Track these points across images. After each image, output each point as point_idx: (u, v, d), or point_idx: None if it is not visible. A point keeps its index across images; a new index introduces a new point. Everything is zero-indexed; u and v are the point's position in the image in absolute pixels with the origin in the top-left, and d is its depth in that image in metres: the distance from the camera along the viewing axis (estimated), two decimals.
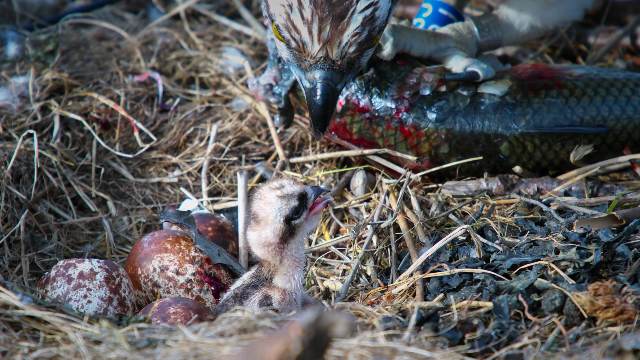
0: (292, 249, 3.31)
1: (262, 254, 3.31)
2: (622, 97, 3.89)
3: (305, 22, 3.19)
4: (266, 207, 3.28)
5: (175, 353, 2.86)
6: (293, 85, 3.97)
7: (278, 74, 3.98)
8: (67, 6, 4.79)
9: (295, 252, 3.31)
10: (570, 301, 3.16)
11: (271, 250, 3.29)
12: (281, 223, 3.26)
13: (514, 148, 3.86)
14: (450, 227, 3.71)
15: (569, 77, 3.91)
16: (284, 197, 3.27)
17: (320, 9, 3.17)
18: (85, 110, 4.14)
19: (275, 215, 3.27)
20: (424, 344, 3.01)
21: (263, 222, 3.28)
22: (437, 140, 3.88)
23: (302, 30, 3.21)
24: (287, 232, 3.28)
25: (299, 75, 3.34)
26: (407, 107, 3.87)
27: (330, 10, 3.18)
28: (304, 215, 3.30)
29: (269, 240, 3.28)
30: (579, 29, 4.69)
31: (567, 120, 3.87)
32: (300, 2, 3.18)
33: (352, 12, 3.20)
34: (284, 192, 3.27)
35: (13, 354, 2.91)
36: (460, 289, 3.37)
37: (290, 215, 3.27)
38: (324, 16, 3.18)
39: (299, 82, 3.38)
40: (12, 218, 3.77)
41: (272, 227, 3.27)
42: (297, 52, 3.26)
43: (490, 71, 3.88)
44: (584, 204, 3.72)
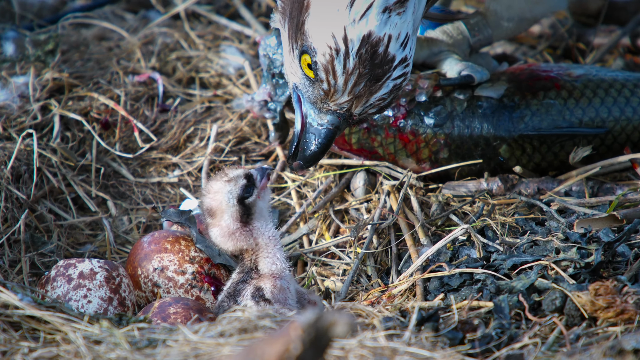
0: (259, 228, 3.34)
1: (232, 244, 3.36)
2: (621, 98, 3.89)
3: (344, 72, 3.23)
4: (216, 196, 3.33)
5: (175, 353, 2.86)
6: (287, 101, 3.98)
7: (272, 90, 3.99)
8: (67, 6, 4.79)
9: (266, 231, 3.35)
10: (570, 301, 3.16)
11: (239, 236, 3.33)
12: (235, 205, 3.30)
13: (513, 150, 3.86)
14: (450, 227, 3.71)
15: (568, 78, 3.90)
16: (231, 180, 3.32)
17: (363, 65, 3.21)
18: (86, 110, 4.14)
19: (228, 199, 3.32)
20: (424, 344, 3.01)
21: (219, 212, 3.33)
22: (437, 146, 3.88)
23: (339, 78, 3.24)
24: (245, 213, 3.31)
25: (308, 109, 3.36)
26: (405, 114, 3.87)
27: (371, 70, 3.23)
28: (255, 193, 3.34)
29: (231, 227, 3.32)
30: (579, 29, 4.69)
31: (566, 122, 3.86)
32: (347, 51, 3.20)
33: (387, 78, 3.25)
34: (229, 176, 3.32)
35: (13, 354, 2.91)
36: (461, 289, 3.37)
37: (242, 195, 3.30)
38: (364, 73, 3.22)
39: (304, 113, 3.38)
40: (12, 218, 3.77)
41: (228, 212, 3.31)
42: (323, 94, 3.29)
43: (486, 74, 3.88)
44: (585, 204, 3.72)
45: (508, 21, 4.00)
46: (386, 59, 3.22)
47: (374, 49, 3.21)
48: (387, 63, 3.23)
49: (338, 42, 3.21)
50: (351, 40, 3.20)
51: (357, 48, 3.20)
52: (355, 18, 3.20)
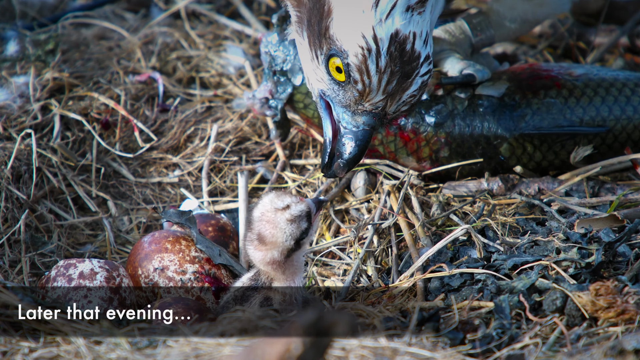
0: (294, 260, 3.32)
1: (264, 268, 3.32)
2: (622, 97, 3.89)
3: (378, 71, 3.26)
4: (275, 232, 3.26)
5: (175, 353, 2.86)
6: (289, 98, 3.98)
7: (274, 87, 3.99)
8: (67, 5, 4.79)
9: (296, 262, 3.32)
10: (571, 301, 3.16)
11: (276, 267, 3.30)
12: (291, 245, 3.27)
13: (514, 149, 3.85)
14: (451, 227, 3.71)
15: (568, 77, 3.90)
16: (294, 221, 3.26)
17: (394, 62, 3.25)
18: (86, 110, 4.14)
19: (285, 239, 3.27)
20: (425, 344, 3.01)
21: (271, 245, 3.27)
22: (437, 144, 3.87)
23: (373, 77, 3.26)
24: (294, 250, 3.30)
25: (341, 112, 3.36)
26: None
27: (402, 67, 3.26)
28: (311, 233, 3.32)
29: (275, 259, 3.29)
30: (579, 28, 4.69)
31: (567, 121, 3.86)
32: (378, 50, 3.23)
33: (416, 74, 3.29)
34: (292, 214, 3.25)
35: (13, 354, 2.91)
36: (461, 289, 3.37)
37: (300, 237, 3.27)
38: (395, 70, 3.26)
39: (337, 118, 3.38)
40: (12, 218, 3.77)
41: (280, 248, 3.28)
42: (358, 95, 3.30)
43: (487, 73, 3.87)
44: (585, 204, 3.72)
45: (511, 22, 4.00)
46: (414, 55, 3.27)
47: (402, 47, 3.25)
48: (415, 60, 3.28)
49: (369, 42, 3.24)
50: (381, 39, 3.24)
51: (387, 46, 3.24)
52: (381, 18, 3.24)
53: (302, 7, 3.36)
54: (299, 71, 3.96)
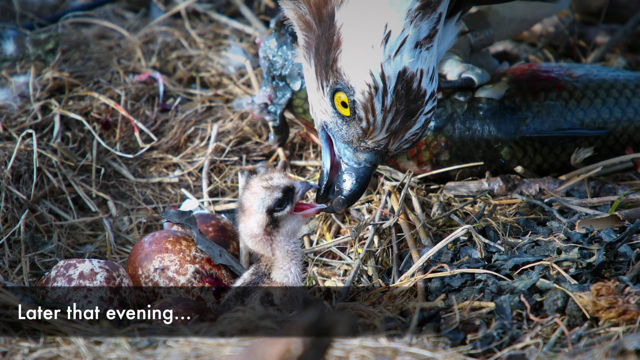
0: (280, 241, 3.32)
1: (252, 245, 3.35)
2: (623, 99, 3.88)
3: (383, 109, 3.22)
4: (251, 197, 3.31)
5: (176, 353, 2.85)
6: (288, 104, 3.97)
7: (272, 93, 3.98)
8: (67, 5, 4.78)
9: (286, 245, 3.33)
10: (572, 301, 3.15)
11: (258, 241, 3.33)
12: (263, 214, 3.29)
13: (514, 152, 3.85)
14: (452, 228, 3.70)
15: (569, 78, 3.89)
16: (269, 188, 3.29)
17: (400, 101, 3.21)
18: (86, 110, 4.13)
19: (258, 206, 3.30)
20: (425, 345, 3.00)
21: (247, 212, 3.32)
22: (437, 148, 3.86)
23: (378, 116, 3.23)
24: (271, 224, 3.30)
25: (342, 148, 3.34)
26: None
27: (407, 106, 3.23)
28: (288, 209, 3.31)
29: (254, 231, 3.31)
30: (580, 27, 4.68)
31: (568, 124, 3.85)
32: (385, 88, 3.20)
33: (420, 113, 3.25)
34: (270, 183, 3.30)
35: (13, 354, 2.90)
36: (462, 289, 3.36)
37: (272, 207, 3.29)
38: (401, 109, 3.23)
39: (337, 153, 3.36)
40: (12, 218, 3.77)
41: (255, 217, 3.31)
42: (361, 133, 3.27)
43: (486, 76, 3.86)
44: (586, 204, 3.71)
45: (510, 21, 3.99)
46: (420, 94, 3.23)
47: (409, 85, 3.21)
48: (420, 98, 3.24)
49: (377, 80, 3.20)
50: (389, 77, 3.19)
51: (394, 85, 3.20)
52: (390, 54, 3.19)
53: (310, 33, 3.31)
54: (297, 76, 3.96)
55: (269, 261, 3.35)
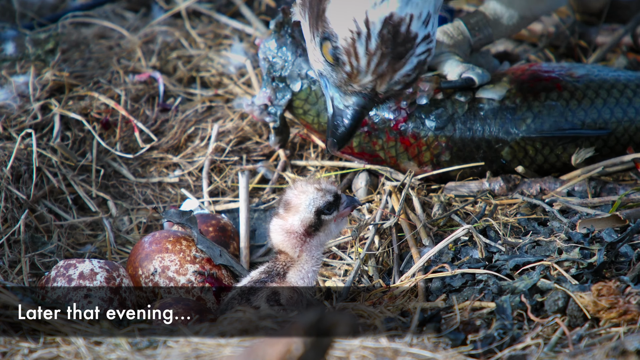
0: (312, 245, 3.35)
1: (281, 241, 3.35)
2: (624, 99, 3.87)
3: (367, 53, 3.25)
4: (301, 195, 3.34)
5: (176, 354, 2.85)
6: (288, 105, 3.97)
7: (273, 94, 3.98)
8: (67, 5, 4.78)
9: (315, 250, 3.35)
10: (573, 302, 3.15)
11: (292, 238, 3.34)
12: (312, 213, 3.32)
13: (515, 153, 3.84)
14: (452, 228, 3.70)
15: (569, 79, 3.88)
16: (321, 190, 3.34)
17: (385, 45, 3.24)
18: (86, 110, 4.13)
19: (308, 204, 3.33)
20: (426, 345, 3.00)
21: (294, 210, 3.33)
22: (438, 149, 3.86)
23: (361, 60, 3.26)
24: (314, 226, 3.32)
25: (332, 92, 3.40)
26: (405, 117, 3.85)
27: (393, 49, 3.25)
28: (334, 215, 3.36)
29: (294, 228, 3.33)
30: (581, 27, 4.68)
31: (569, 124, 3.84)
32: (369, 33, 3.23)
33: (410, 55, 3.27)
34: (321, 185, 3.35)
35: (13, 355, 2.90)
36: (463, 289, 3.36)
37: (322, 209, 3.32)
38: (387, 52, 3.24)
39: (327, 98, 3.43)
40: (12, 218, 3.76)
41: (301, 215, 3.33)
42: (346, 77, 3.31)
43: (486, 76, 3.86)
44: (587, 204, 3.71)
45: (508, 19, 3.98)
46: (409, 37, 3.25)
47: (396, 29, 3.24)
48: (410, 41, 3.26)
49: (359, 25, 3.23)
50: (372, 22, 3.22)
51: (379, 29, 3.23)
52: (376, 1, 3.23)
53: None
54: (297, 77, 3.96)
55: (290, 261, 3.35)
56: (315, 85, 3.94)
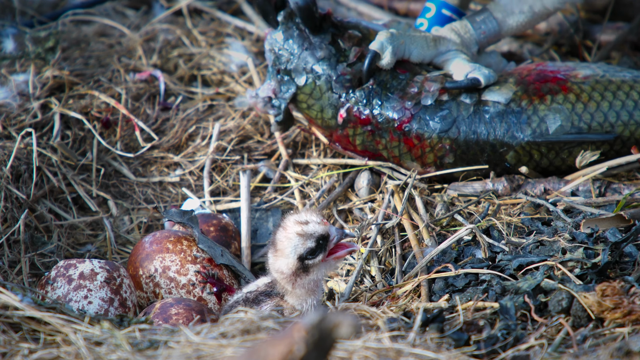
0: (305, 283, 3.28)
1: (277, 277, 3.30)
2: (630, 101, 3.85)
3: None
4: (284, 241, 3.26)
5: (177, 354, 2.84)
6: (292, 98, 3.94)
7: (277, 86, 3.95)
8: (67, 2, 4.77)
9: (309, 286, 3.29)
10: (577, 302, 3.14)
11: (284, 278, 3.28)
12: (294, 259, 3.25)
13: (520, 157, 3.82)
14: (455, 227, 3.69)
15: (574, 80, 3.86)
16: (303, 236, 3.24)
17: None
18: (86, 109, 4.12)
19: (290, 251, 3.25)
20: (429, 345, 2.98)
21: (279, 253, 3.27)
22: (442, 151, 3.84)
23: None
24: (300, 269, 3.26)
25: None
26: (410, 117, 3.83)
27: None
28: (320, 257, 3.27)
29: (283, 269, 3.27)
30: (585, 25, 4.66)
31: (574, 128, 3.82)
32: None
33: None
34: (304, 230, 3.24)
35: (13, 355, 2.89)
36: (466, 289, 3.35)
37: (304, 255, 3.25)
38: None
39: None
40: (12, 218, 3.75)
41: (286, 260, 3.26)
42: None
43: (493, 76, 3.83)
44: (591, 203, 3.69)
45: (517, 17, 3.96)
46: None
47: None
48: None
49: None
50: None
51: None
52: None
53: None
54: (302, 71, 3.93)
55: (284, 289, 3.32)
56: (320, 80, 3.91)
